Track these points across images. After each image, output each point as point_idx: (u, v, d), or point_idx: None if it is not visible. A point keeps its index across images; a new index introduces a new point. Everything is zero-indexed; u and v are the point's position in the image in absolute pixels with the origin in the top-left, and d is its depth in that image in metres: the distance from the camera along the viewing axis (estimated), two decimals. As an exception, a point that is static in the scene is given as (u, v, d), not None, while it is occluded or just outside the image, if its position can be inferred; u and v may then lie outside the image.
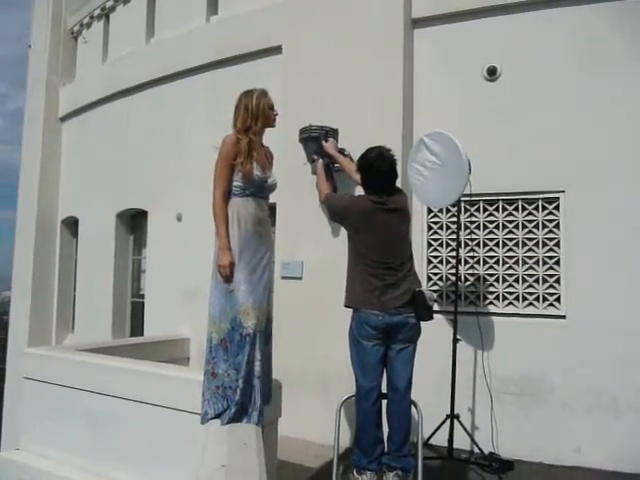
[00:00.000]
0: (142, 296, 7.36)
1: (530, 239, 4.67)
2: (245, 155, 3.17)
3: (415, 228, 4.97)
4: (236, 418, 3.03)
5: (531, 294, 4.64)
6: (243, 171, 3.15)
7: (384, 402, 3.43)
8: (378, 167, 3.46)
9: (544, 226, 4.63)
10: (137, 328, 7.32)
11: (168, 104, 6.83)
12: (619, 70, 4.43)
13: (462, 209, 4.68)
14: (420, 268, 4.85)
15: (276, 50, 5.61)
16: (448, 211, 4.95)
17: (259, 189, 3.25)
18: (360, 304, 3.36)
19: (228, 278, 3.09)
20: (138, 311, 7.38)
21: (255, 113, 3.25)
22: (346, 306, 3.46)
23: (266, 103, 3.30)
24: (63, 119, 9.03)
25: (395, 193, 3.52)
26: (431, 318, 3.40)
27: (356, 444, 3.46)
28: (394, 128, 4.85)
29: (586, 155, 4.47)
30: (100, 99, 8.01)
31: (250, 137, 3.23)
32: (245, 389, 3.06)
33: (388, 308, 3.30)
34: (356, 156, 4.93)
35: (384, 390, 3.44)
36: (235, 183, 3.19)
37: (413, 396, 3.42)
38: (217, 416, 3.06)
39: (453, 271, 4.62)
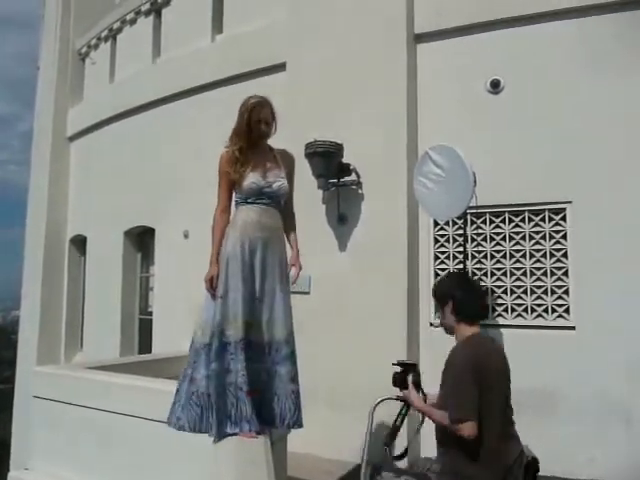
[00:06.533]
0: (150, 313, 7.38)
1: (537, 250, 4.66)
2: (232, 165, 3.18)
3: (421, 241, 4.99)
4: (221, 431, 3.01)
5: (540, 305, 4.62)
6: (234, 180, 3.18)
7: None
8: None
9: (551, 237, 4.62)
10: (145, 345, 7.33)
11: (174, 123, 6.90)
12: (622, 82, 4.45)
13: (468, 221, 4.68)
14: (427, 281, 4.87)
15: (281, 67, 5.68)
16: (454, 223, 4.94)
17: (260, 196, 3.22)
18: None
19: (209, 290, 3.12)
20: (146, 328, 7.39)
21: (247, 121, 3.18)
22: None
23: (254, 115, 3.17)
24: (71, 139, 9.15)
25: None
26: None
27: None
28: (399, 142, 4.89)
29: (592, 166, 4.47)
30: (107, 118, 8.12)
31: (241, 145, 3.20)
32: (221, 398, 3.03)
33: None
34: (363, 170, 4.98)
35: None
36: (237, 195, 3.23)
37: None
38: (192, 426, 3.05)
39: (461, 283, 4.60)
